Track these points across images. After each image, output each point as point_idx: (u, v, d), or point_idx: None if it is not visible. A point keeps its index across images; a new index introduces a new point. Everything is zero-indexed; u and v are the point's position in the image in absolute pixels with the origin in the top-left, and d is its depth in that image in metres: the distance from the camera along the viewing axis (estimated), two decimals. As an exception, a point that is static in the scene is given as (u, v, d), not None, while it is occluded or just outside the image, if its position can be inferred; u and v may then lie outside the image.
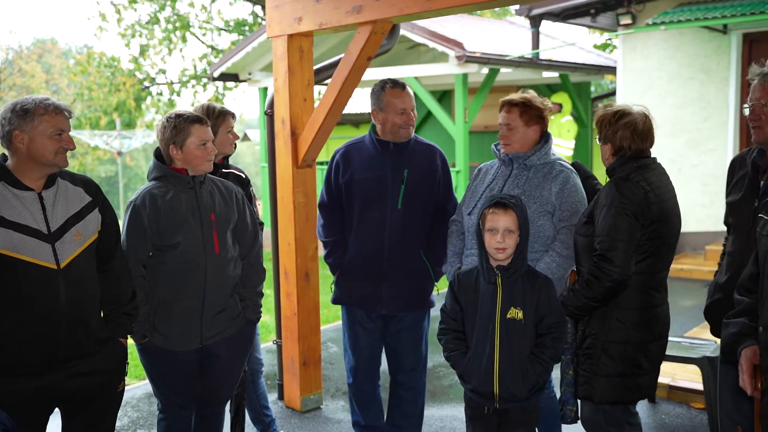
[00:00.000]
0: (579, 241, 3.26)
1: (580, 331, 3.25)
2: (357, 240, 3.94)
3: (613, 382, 3.18)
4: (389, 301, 3.90)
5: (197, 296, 3.28)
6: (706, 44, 9.39)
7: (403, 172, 3.85)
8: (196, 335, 3.32)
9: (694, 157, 9.36)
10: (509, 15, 19.48)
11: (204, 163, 3.32)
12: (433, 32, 10.17)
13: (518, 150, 3.54)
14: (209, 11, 21.31)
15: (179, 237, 3.23)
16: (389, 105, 3.84)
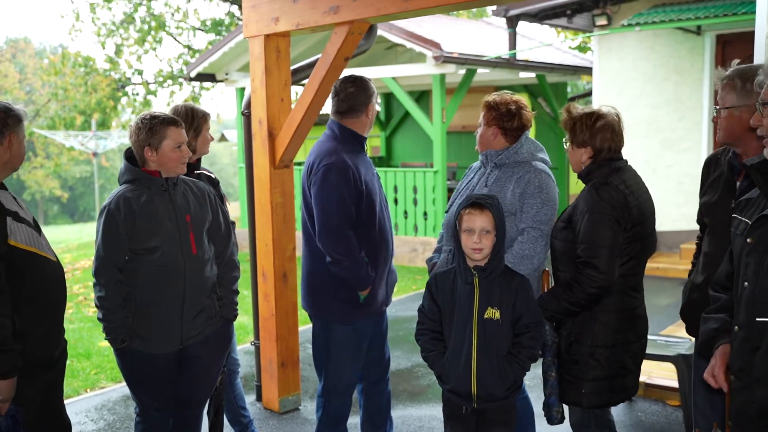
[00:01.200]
0: (557, 246, 3.25)
1: (564, 336, 3.24)
2: (379, 255, 3.71)
3: (601, 386, 3.19)
4: (388, 299, 3.90)
5: (177, 298, 3.26)
6: (680, 45, 9.49)
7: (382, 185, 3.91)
8: (176, 337, 3.30)
9: (668, 156, 9.46)
10: (486, 16, 19.56)
11: (179, 166, 3.30)
12: (410, 33, 10.19)
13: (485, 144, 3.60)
14: (185, 11, 21.18)
15: (157, 240, 3.21)
16: (377, 101, 3.90)
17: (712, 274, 2.85)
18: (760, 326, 2.22)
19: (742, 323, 2.30)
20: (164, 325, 3.27)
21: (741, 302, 2.31)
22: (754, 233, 2.29)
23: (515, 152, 3.49)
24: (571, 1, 9.81)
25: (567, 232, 3.19)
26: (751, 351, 2.25)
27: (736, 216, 2.48)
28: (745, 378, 2.28)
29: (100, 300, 3.21)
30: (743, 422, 2.30)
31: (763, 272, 2.23)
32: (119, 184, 3.35)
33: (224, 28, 20.93)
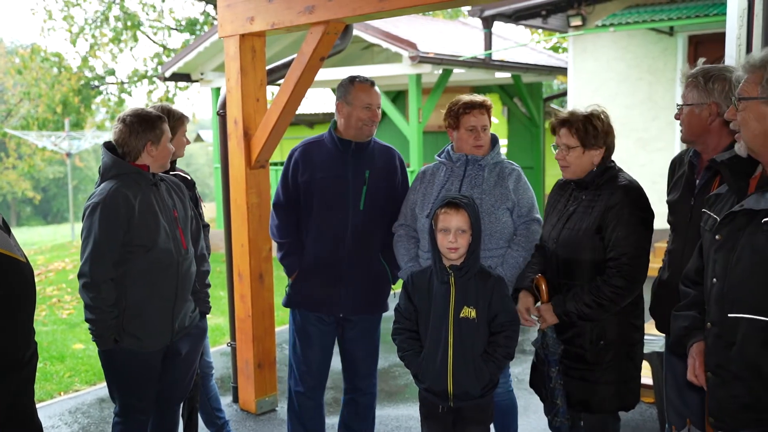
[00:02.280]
0: (585, 257, 3.09)
1: (589, 342, 3.13)
2: (316, 241, 3.82)
3: (630, 386, 3.21)
4: (347, 304, 3.82)
5: (170, 294, 3.27)
6: (653, 46, 9.59)
7: (364, 173, 3.77)
8: (168, 333, 3.31)
9: (642, 156, 9.56)
10: (462, 16, 19.62)
11: (168, 162, 3.39)
12: (386, 33, 10.19)
13: (485, 152, 3.60)
14: (160, 11, 21.02)
15: (154, 236, 3.18)
16: (356, 99, 3.74)
17: (676, 270, 2.88)
18: (733, 322, 2.24)
19: (714, 320, 2.32)
20: (158, 322, 3.26)
21: (711, 299, 2.34)
22: (722, 230, 2.31)
23: (497, 153, 3.65)
24: (545, 2, 9.88)
25: (596, 240, 3.08)
26: (726, 347, 2.27)
27: (706, 211, 2.51)
28: (723, 374, 2.29)
29: (94, 300, 3.12)
30: (724, 418, 2.31)
31: (731, 269, 2.25)
32: (103, 179, 3.25)
33: (199, 27, 20.79)
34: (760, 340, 2.19)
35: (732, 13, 3.62)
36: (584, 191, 3.18)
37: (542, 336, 3.19)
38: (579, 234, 3.10)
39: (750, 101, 2.22)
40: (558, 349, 3.14)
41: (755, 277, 2.19)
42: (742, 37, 3.61)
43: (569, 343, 3.16)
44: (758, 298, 2.18)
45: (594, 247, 3.07)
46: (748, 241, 2.20)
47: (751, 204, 2.22)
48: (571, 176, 3.18)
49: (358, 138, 3.79)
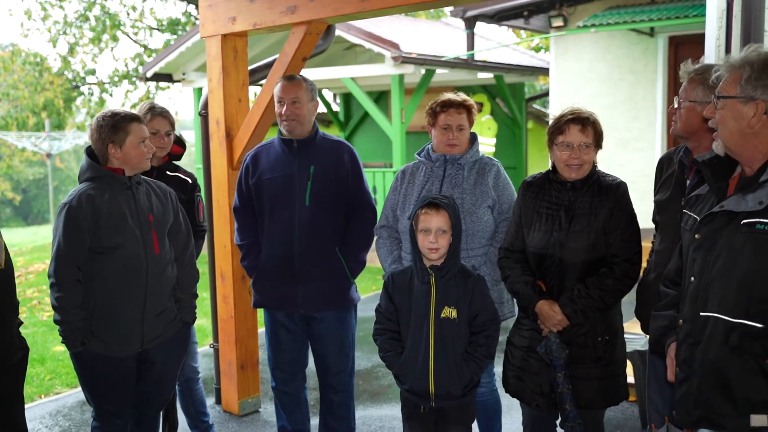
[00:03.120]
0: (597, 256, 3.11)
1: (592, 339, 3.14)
2: (268, 241, 3.89)
3: (624, 378, 3.27)
4: (306, 301, 3.83)
5: (138, 299, 3.22)
6: (634, 46, 9.65)
7: (309, 168, 3.80)
8: (136, 339, 3.26)
9: (623, 156, 9.61)
10: (444, 16, 19.65)
11: (143, 162, 3.28)
12: (369, 33, 10.19)
13: (461, 151, 3.60)
14: (141, 11, 20.88)
15: (120, 239, 3.16)
16: (275, 95, 3.86)
17: (664, 271, 2.90)
18: (703, 320, 2.27)
19: (686, 317, 2.36)
20: (125, 326, 3.22)
21: (687, 296, 2.37)
22: (701, 229, 2.33)
23: (476, 151, 3.64)
24: (527, 3, 9.91)
25: (604, 240, 3.11)
26: (694, 344, 2.30)
27: (686, 211, 2.53)
28: (687, 370, 2.33)
29: (59, 300, 3.13)
30: (683, 412, 2.36)
31: (708, 268, 2.27)
32: (80, 182, 3.28)
33: (181, 27, 20.68)
34: (722, 340, 2.22)
35: (711, 14, 3.65)
36: (577, 192, 3.16)
37: (546, 342, 3.13)
38: (591, 236, 3.08)
39: (728, 100, 2.25)
40: (563, 354, 3.09)
41: (729, 277, 2.21)
42: (721, 38, 3.64)
43: (574, 345, 3.13)
44: (729, 298, 2.21)
45: (605, 245, 3.10)
46: (726, 242, 2.23)
47: (731, 205, 2.24)
48: (582, 176, 3.15)
49: (290, 135, 3.84)
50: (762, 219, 2.16)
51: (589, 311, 3.07)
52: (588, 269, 3.10)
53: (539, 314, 3.13)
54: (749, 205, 2.19)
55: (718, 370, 2.23)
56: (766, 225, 2.15)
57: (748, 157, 2.27)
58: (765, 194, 2.17)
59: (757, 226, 2.16)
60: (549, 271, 3.15)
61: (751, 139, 2.24)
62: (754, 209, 2.17)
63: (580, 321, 3.09)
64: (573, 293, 3.07)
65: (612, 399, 3.20)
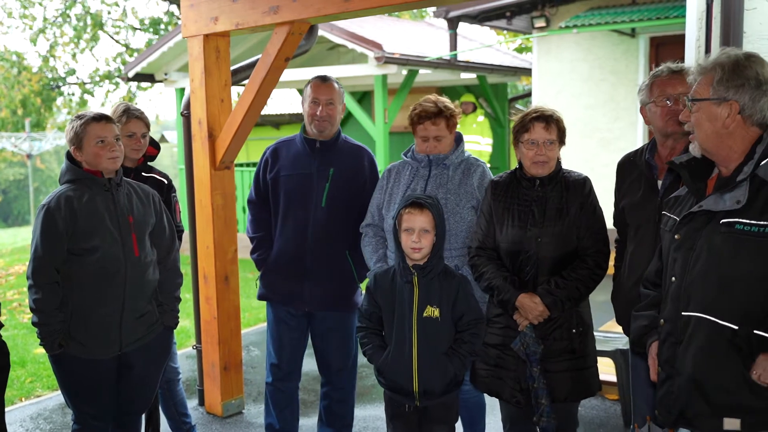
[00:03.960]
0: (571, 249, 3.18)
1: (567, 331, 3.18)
2: (281, 237, 3.93)
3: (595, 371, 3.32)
4: (312, 300, 3.89)
5: (117, 301, 3.20)
6: (615, 47, 9.71)
7: (329, 170, 3.84)
8: (115, 342, 3.24)
9: (605, 156, 9.66)
10: (427, 17, 19.68)
11: (106, 161, 3.21)
12: (352, 33, 10.18)
13: (445, 152, 3.60)
14: (123, 10, 20.75)
15: (97, 240, 3.14)
16: (307, 94, 3.87)
17: (643, 273, 2.92)
18: (685, 320, 2.30)
19: (667, 317, 2.38)
20: (103, 329, 3.20)
21: (668, 297, 2.39)
22: (681, 230, 2.35)
23: (461, 152, 3.65)
24: (510, 3, 9.95)
25: (573, 233, 3.17)
26: (675, 344, 2.33)
27: (666, 213, 2.55)
28: (668, 369, 2.36)
29: (36, 302, 3.11)
30: (664, 412, 2.38)
31: (689, 268, 2.30)
32: (60, 184, 3.28)
33: (163, 27, 20.58)
34: (703, 339, 2.25)
35: (691, 15, 3.69)
36: (546, 188, 3.20)
37: (522, 337, 3.16)
38: (564, 230, 3.15)
39: (703, 102, 2.28)
40: (539, 348, 3.14)
41: (709, 277, 2.24)
42: (701, 39, 3.68)
43: (549, 339, 3.17)
44: (709, 298, 2.24)
45: (576, 239, 3.18)
46: (706, 242, 2.26)
47: (709, 205, 2.27)
48: (547, 172, 3.20)
49: (318, 135, 3.86)
50: (740, 219, 2.19)
51: (567, 301, 3.13)
52: (560, 263, 3.17)
53: (520, 307, 3.15)
54: (727, 205, 2.21)
55: (698, 370, 2.25)
56: (745, 225, 2.18)
57: (723, 158, 2.31)
58: (742, 193, 2.20)
59: (736, 226, 2.19)
60: (524, 267, 3.19)
61: (726, 139, 2.27)
62: (732, 208, 2.20)
63: (559, 312, 3.14)
64: (550, 285, 3.13)
65: (587, 391, 3.25)
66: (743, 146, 2.28)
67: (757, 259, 2.16)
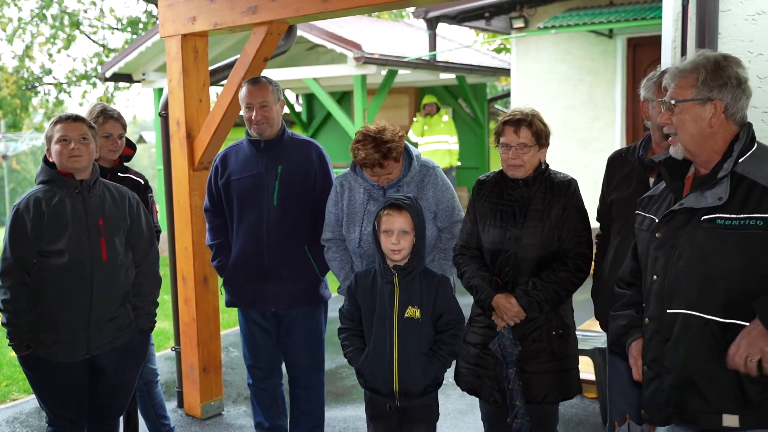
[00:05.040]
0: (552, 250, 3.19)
1: (547, 333, 3.19)
2: (237, 240, 3.94)
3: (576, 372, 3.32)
4: (277, 299, 3.88)
5: (83, 305, 3.16)
6: (593, 48, 9.77)
7: (277, 168, 3.84)
8: (82, 346, 3.20)
9: (584, 156, 9.72)
10: (406, 17, 19.70)
11: (66, 159, 3.17)
12: (331, 33, 10.16)
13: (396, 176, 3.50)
14: (101, 9, 20.56)
15: (63, 243, 3.11)
16: (242, 101, 3.88)
17: None
18: (671, 318, 2.31)
19: (652, 315, 2.39)
20: (69, 332, 3.17)
21: (651, 295, 2.39)
22: (662, 228, 2.37)
23: (412, 168, 3.51)
24: (488, 4, 9.97)
25: (554, 235, 3.18)
26: (662, 342, 2.34)
27: (639, 213, 2.57)
28: (656, 368, 2.36)
29: (5, 303, 3.11)
30: (654, 411, 2.39)
31: (671, 266, 2.31)
32: (35, 185, 3.26)
33: (142, 26, 20.41)
34: (693, 335, 2.26)
35: (667, 16, 3.72)
36: (530, 189, 3.20)
37: (499, 337, 3.17)
38: (545, 231, 3.15)
39: (687, 103, 2.29)
40: (516, 350, 3.14)
41: (693, 273, 2.26)
42: (677, 40, 3.71)
43: (528, 340, 3.17)
44: (695, 294, 2.26)
45: (558, 241, 3.18)
46: (688, 239, 2.27)
47: (690, 202, 2.29)
48: (523, 175, 3.20)
49: (261, 137, 3.86)
50: (722, 214, 2.22)
51: (544, 303, 3.13)
52: (541, 264, 3.17)
53: (496, 308, 3.16)
54: (708, 201, 2.24)
55: (690, 366, 2.27)
56: (726, 219, 2.21)
57: (706, 158, 2.33)
58: (723, 190, 2.22)
59: (718, 221, 2.22)
60: (504, 267, 3.20)
61: (709, 139, 2.30)
62: (713, 204, 2.23)
63: (536, 313, 3.14)
64: (528, 286, 3.14)
65: (566, 393, 3.25)
66: (722, 145, 2.31)
67: (739, 253, 2.19)
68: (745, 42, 3.41)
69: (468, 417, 4.76)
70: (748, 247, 2.18)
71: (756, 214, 2.18)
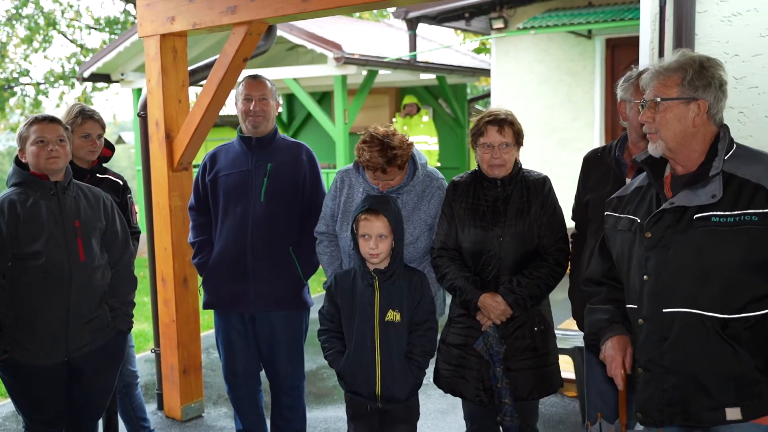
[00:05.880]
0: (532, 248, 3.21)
1: (529, 330, 3.22)
2: (221, 237, 3.87)
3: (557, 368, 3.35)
4: (257, 301, 3.80)
5: (61, 306, 3.14)
6: (572, 48, 9.84)
7: (266, 165, 3.82)
8: (61, 348, 3.17)
9: (564, 156, 9.78)
10: (387, 17, 19.71)
11: (44, 161, 3.15)
12: (311, 33, 10.15)
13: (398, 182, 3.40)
14: (78, 9, 20.37)
15: (39, 245, 3.09)
16: (239, 95, 3.87)
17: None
18: (668, 317, 2.30)
19: (647, 316, 2.36)
20: (47, 334, 3.14)
21: (643, 296, 2.36)
22: (650, 228, 2.35)
23: (417, 176, 3.42)
24: (468, 5, 10.01)
25: (534, 232, 3.21)
26: (660, 341, 2.32)
27: (611, 214, 2.57)
28: (655, 369, 2.34)
29: None
30: (652, 412, 2.37)
31: (666, 265, 2.30)
32: (7, 187, 3.23)
33: (119, 26, 20.26)
34: (694, 333, 2.26)
35: (645, 17, 3.75)
36: (507, 188, 3.23)
37: (485, 337, 3.17)
38: (526, 229, 3.18)
39: (671, 102, 2.31)
40: (502, 348, 3.15)
41: (690, 272, 2.26)
42: (654, 41, 3.74)
43: (511, 338, 3.19)
44: (693, 292, 2.26)
45: (537, 238, 3.21)
46: (683, 238, 2.28)
47: (682, 201, 2.29)
48: (504, 174, 3.22)
49: (254, 132, 3.85)
50: (715, 212, 2.23)
51: (529, 300, 3.15)
52: (522, 262, 3.20)
53: (482, 308, 3.16)
54: (702, 200, 2.25)
55: (693, 364, 2.27)
56: (720, 217, 2.22)
57: (685, 157, 2.35)
58: (716, 188, 2.24)
59: (713, 218, 2.23)
60: (486, 266, 3.21)
61: (691, 138, 2.32)
62: (707, 203, 2.24)
63: (522, 311, 3.16)
64: (512, 284, 3.15)
65: (549, 388, 3.29)
66: (703, 145, 2.33)
67: (736, 248, 2.21)
68: (722, 43, 3.45)
69: (449, 416, 4.77)
70: (743, 243, 2.20)
71: (751, 210, 2.20)
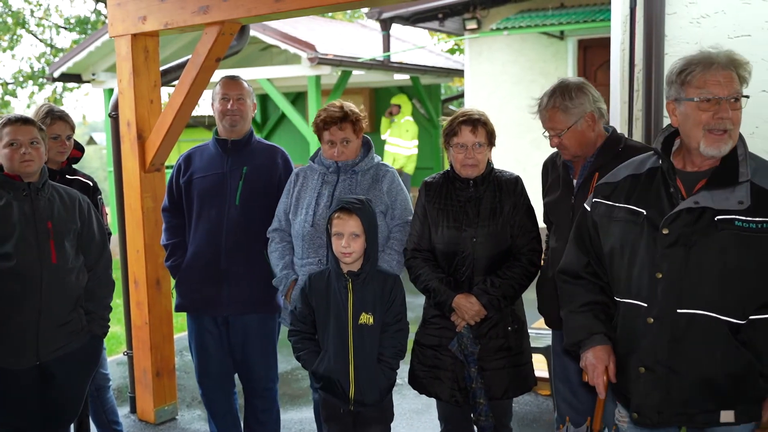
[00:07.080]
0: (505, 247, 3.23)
1: (503, 329, 3.22)
2: (195, 239, 3.84)
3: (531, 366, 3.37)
4: (231, 303, 3.78)
5: (32, 309, 3.09)
6: (545, 49, 9.91)
7: (242, 168, 3.80)
8: (31, 352, 3.12)
9: (537, 156, 9.78)
10: (361, 18, 19.70)
11: (18, 164, 3.11)
12: (284, 34, 10.12)
13: (349, 158, 3.52)
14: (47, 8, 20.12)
15: (10, 246, 3.04)
16: (216, 94, 3.85)
17: None
18: (684, 317, 2.27)
19: (658, 315, 2.31)
20: (17, 337, 3.09)
21: (656, 294, 2.31)
22: (669, 225, 2.30)
23: (371, 158, 3.57)
24: (442, 5, 10.03)
25: (506, 232, 3.22)
26: (671, 341, 2.29)
27: (600, 201, 2.51)
28: (660, 369, 2.32)
29: None
30: (650, 413, 2.36)
31: (686, 265, 2.27)
32: None
33: (90, 26, 20.03)
34: (707, 336, 2.25)
35: (616, 19, 3.79)
36: (479, 188, 3.24)
37: (459, 337, 3.18)
38: (499, 229, 3.19)
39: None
40: (476, 349, 3.17)
41: (712, 273, 2.24)
42: (625, 42, 3.78)
43: (485, 338, 3.20)
44: (714, 295, 2.25)
45: (510, 238, 3.23)
46: (705, 238, 2.24)
47: (707, 202, 2.24)
48: (477, 174, 3.24)
49: (230, 132, 3.84)
50: (738, 216, 2.21)
51: (503, 300, 3.16)
52: (495, 262, 3.21)
53: (457, 308, 3.17)
54: (730, 204, 2.22)
55: (704, 367, 2.26)
56: (744, 222, 2.21)
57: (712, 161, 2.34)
58: (744, 194, 2.22)
59: (736, 222, 2.22)
60: (459, 267, 3.21)
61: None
62: (734, 208, 2.22)
63: (496, 311, 3.17)
64: (486, 284, 3.16)
65: (523, 387, 3.30)
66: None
67: (757, 255, 2.21)
68: (691, 44, 3.50)
69: (424, 416, 4.78)
70: (765, 249, 2.21)
71: None
